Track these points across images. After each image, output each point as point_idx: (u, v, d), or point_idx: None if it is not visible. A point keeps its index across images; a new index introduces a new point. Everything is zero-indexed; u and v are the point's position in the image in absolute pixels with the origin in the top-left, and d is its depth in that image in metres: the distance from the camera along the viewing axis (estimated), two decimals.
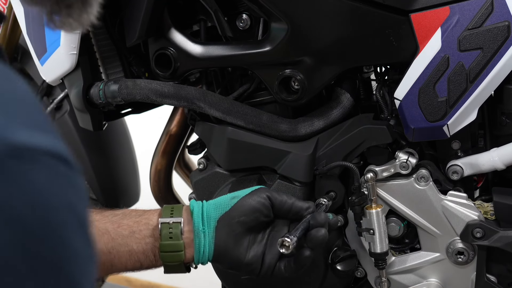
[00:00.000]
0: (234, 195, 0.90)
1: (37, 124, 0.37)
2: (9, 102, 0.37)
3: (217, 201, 0.90)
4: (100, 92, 1.12)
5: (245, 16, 1.07)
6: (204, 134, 1.15)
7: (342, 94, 1.08)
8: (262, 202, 0.88)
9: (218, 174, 1.15)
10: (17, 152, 0.34)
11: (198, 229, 0.86)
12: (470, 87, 0.92)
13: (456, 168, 1.01)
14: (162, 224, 0.86)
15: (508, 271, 1.05)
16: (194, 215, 0.88)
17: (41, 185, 0.36)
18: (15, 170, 0.34)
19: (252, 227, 0.88)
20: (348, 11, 0.97)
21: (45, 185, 0.36)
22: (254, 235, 0.90)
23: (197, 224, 0.87)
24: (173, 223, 0.86)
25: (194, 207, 0.89)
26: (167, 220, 0.86)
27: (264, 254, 0.89)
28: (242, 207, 0.88)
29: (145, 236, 0.86)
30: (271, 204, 0.89)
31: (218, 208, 0.89)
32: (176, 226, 0.86)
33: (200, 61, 1.08)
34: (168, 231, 0.85)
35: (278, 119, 1.07)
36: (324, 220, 0.87)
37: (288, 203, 0.89)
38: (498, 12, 0.90)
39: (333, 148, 1.05)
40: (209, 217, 0.88)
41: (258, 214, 0.88)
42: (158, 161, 1.43)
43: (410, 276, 1.09)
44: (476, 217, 1.01)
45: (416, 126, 0.97)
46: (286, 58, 1.02)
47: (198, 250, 0.86)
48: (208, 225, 0.87)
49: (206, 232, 0.86)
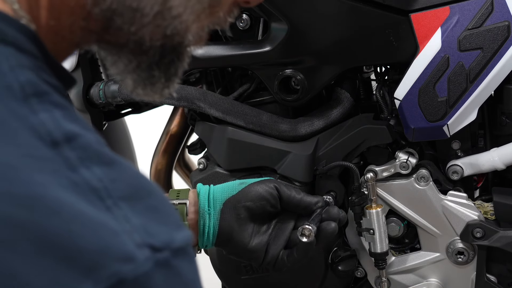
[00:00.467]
0: (243, 181, 0.90)
1: (175, 221, 0.43)
2: (157, 204, 0.42)
3: (225, 185, 0.90)
4: (100, 92, 1.12)
5: (245, 16, 1.07)
6: (204, 134, 1.15)
7: (342, 94, 1.08)
8: (270, 192, 0.88)
9: (218, 174, 1.15)
10: (177, 253, 0.40)
11: (204, 210, 0.86)
12: (470, 87, 0.92)
13: (456, 168, 1.01)
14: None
15: (508, 271, 1.05)
16: (200, 196, 0.87)
17: (188, 275, 0.41)
18: (178, 267, 0.40)
19: (258, 215, 0.88)
20: (348, 11, 0.97)
21: (190, 274, 0.42)
22: (259, 224, 0.89)
23: (202, 205, 0.86)
24: (178, 204, 0.85)
25: (201, 189, 0.89)
26: (172, 201, 0.86)
27: (268, 244, 0.89)
28: (250, 192, 0.87)
29: None
30: (279, 196, 0.88)
31: (225, 192, 0.88)
32: (181, 207, 0.85)
33: (200, 61, 1.08)
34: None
35: (278, 119, 1.07)
36: (337, 214, 0.88)
37: (296, 197, 0.89)
38: (498, 12, 0.90)
39: (333, 148, 1.05)
40: (215, 199, 0.87)
41: (265, 202, 0.87)
42: (158, 161, 1.43)
43: (410, 276, 1.09)
44: (476, 217, 1.01)
45: (416, 126, 0.97)
46: (286, 58, 1.02)
47: (202, 232, 0.86)
48: (213, 207, 0.86)
49: (211, 213, 0.86)
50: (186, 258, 0.41)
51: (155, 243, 0.38)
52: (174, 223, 0.42)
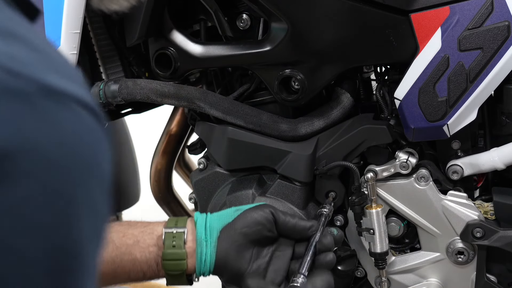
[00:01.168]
0: (238, 208, 0.91)
1: (70, 76, 0.39)
2: (46, 54, 0.38)
3: (221, 213, 0.91)
4: (100, 92, 1.12)
5: (245, 16, 1.07)
6: (204, 134, 1.15)
7: (342, 94, 1.08)
8: (265, 216, 0.88)
9: (218, 174, 1.15)
10: (48, 93, 0.35)
11: (201, 238, 0.87)
12: (470, 87, 0.92)
13: (456, 168, 1.01)
14: (166, 234, 0.87)
15: (508, 271, 1.05)
16: (197, 225, 0.88)
17: (69, 127, 0.37)
18: (45, 108, 0.35)
19: (255, 241, 0.88)
20: (348, 11, 0.97)
21: (73, 128, 0.37)
22: (258, 250, 0.89)
23: (200, 234, 0.87)
24: (176, 232, 0.87)
25: (198, 217, 0.90)
26: (171, 230, 0.87)
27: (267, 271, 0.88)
28: (245, 218, 0.88)
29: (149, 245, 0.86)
30: (274, 220, 0.88)
31: (221, 219, 0.89)
32: (179, 235, 0.86)
33: (200, 61, 1.08)
34: (171, 240, 0.86)
35: (278, 119, 1.07)
36: (330, 243, 0.88)
37: (291, 222, 0.89)
38: (498, 12, 0.90)
39: (333, 148, 1.05)
40: (211, 228, 0.88)
41: (261, 227, 0.87)
42: (158, 161, 1.43)
43: (410, 276, 1.09)
44: (476, 217, 1.01)
45: (416, 126, 0.97)
46: (286, 58, 1.02)
47: (199, 259, 0.86)
48: (210, 235, 0.87)
49: (208, 241, 0.87)
50: (68, 109, 0.37)
51: (14, 68, 0.34)
52: (66, 74, 0.38)
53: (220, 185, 1.15)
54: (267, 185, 1.09)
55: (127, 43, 1.10)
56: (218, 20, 1.06)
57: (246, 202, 1.07)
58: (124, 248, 0.85)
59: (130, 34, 1.09)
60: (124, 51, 1.18)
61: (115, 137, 1.65)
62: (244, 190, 1.08)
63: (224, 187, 1.14)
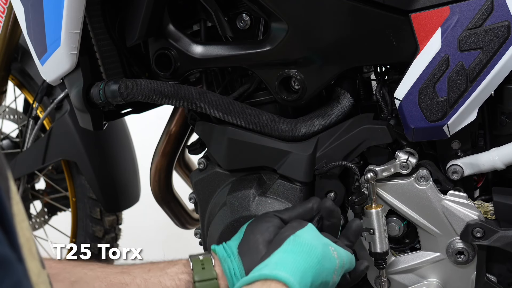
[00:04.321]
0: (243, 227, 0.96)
1: None
2: None
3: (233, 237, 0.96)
4: (100, 92, 1.12)
5: (245, 16, 1.07)
6: (204, 134, 1.15)
7: (342, 94, 1.08)
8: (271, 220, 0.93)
9: (218, 174, 1.15)
10: None
11: (224, 256, 0.91)
12: (470, 87, 0.92)
13: (456, 168, 1.01)
14: (193, 260, 0.91)
15: (508, 271, 1.05)
16: (217, 251, 0.93)
17: None
18: None
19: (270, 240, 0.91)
20: (348, 11, 0.97)
21: None
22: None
23: (221, 254, 0.92)
24: (204, 258, 0.91)
25: (215, 247, 0.94)
26: (196, 257, 0.92)
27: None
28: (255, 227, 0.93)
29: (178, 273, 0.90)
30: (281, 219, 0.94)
31: (234, 240, 0.94)
32: (207, 260, 0.91)
33: (200, 61, 1.08)
34: (200, 264, 0.90)
35: (278, 119, 1.07)
36: (332, 205, 0.95)
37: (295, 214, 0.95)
38: (498, 12, 0.90)
39: (333, 148, 1.05)
40: (229, 246, 0.93)
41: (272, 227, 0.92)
42: (158, 161, 1.43)
43: (410, 276, 1.09)
44: (476, 217, 1.01)
45: (416, 126, 0.97)
46: (286, 58, 1.02)
47: (229, 274, 0.89)
48: (231, 252, 0.92)
49: (231, 257, 0.91)
50: None
51: None
52: None
53: (220, 185, 1.15)
54: (267, 185, 1.09)
55: (127, 43, 1.10)
56: (218, 20, 1.06)
57: (246, 202, 1.07)
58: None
59: (130, 34, 1.09)
60: (124, 51, 1.18)
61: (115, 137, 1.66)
62: (244, 190, 1.08)
63: (224, 187, 1.14)
